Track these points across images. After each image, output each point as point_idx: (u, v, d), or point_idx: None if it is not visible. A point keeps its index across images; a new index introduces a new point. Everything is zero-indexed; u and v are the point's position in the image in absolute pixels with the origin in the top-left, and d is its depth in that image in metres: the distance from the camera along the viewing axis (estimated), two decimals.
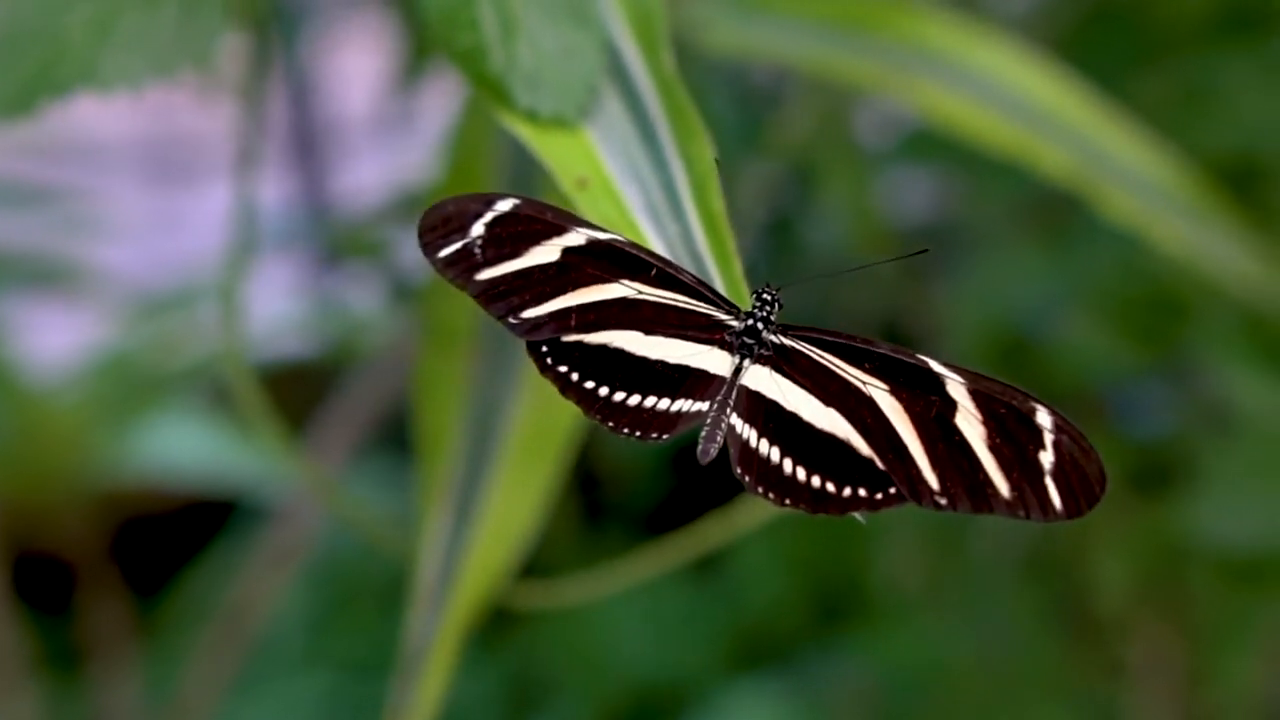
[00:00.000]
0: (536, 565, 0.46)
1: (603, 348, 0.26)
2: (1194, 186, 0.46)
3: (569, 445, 0.40)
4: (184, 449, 0.82)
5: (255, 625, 0.71)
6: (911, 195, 0.73)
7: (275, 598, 0.73)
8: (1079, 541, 0.63)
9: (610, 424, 0.26)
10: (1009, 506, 0.24)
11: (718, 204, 0.28)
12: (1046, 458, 0.24)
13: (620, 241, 0.26)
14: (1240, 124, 0.51)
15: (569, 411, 0.40)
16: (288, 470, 0.74)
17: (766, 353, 0.26)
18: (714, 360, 0.27)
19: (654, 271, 0.26)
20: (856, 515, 0.26)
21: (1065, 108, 0.45)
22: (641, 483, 0.87)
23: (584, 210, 0.28)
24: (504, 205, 0.26)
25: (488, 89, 0.31)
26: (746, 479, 0.26)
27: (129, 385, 0.73)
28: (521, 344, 0.40)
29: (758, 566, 0.79)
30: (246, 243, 0.41)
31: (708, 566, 0.81)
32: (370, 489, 0.82)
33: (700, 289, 0.27)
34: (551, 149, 0.30)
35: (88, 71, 0.33)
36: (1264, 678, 0.64)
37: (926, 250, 0.56)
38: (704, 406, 0.26)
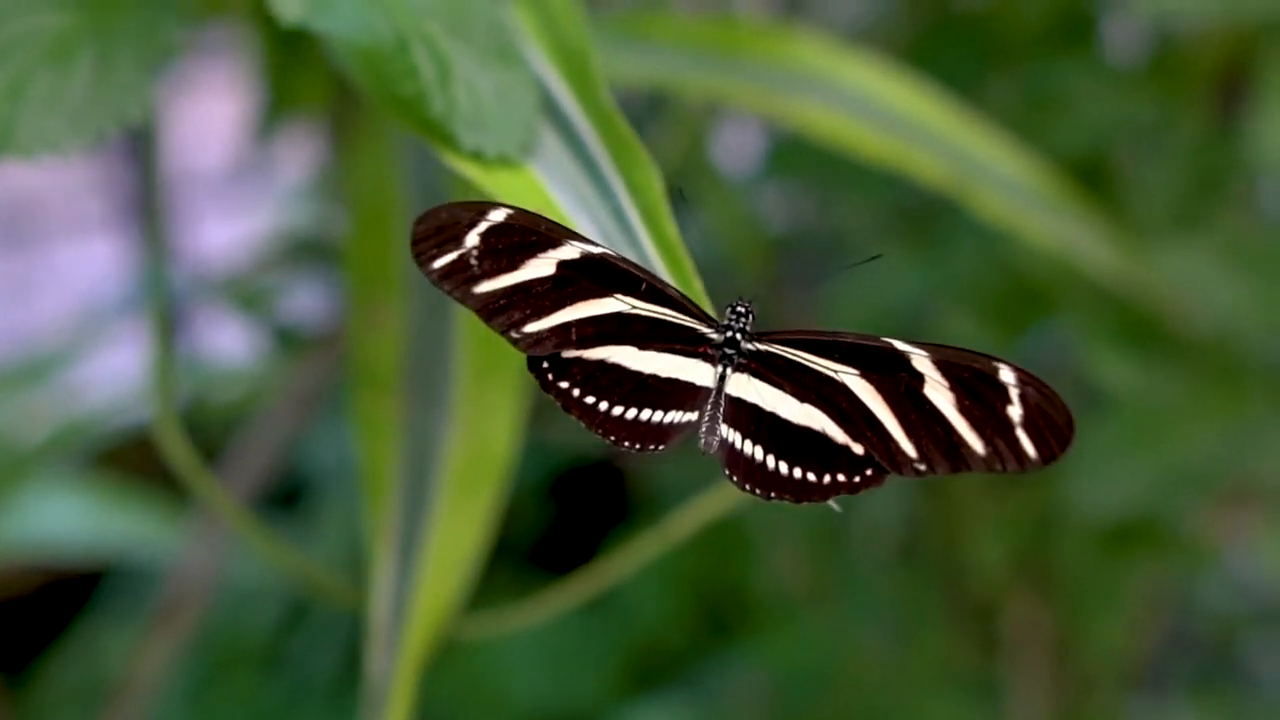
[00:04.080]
0: None
1: (601, 363, 0.27)
2: (1052, 184, 0.49)
3: (504, 476, 0.41)
4: (46, 523, 0.79)
5: (142, 698, 0.70)
6: (767, 206, 0.76)
7: (159, 667, 0.71)
8: (952, 525, 0.66)
9: (611, 438, 0.27)
10: (985, 462, 0.26)
11: (671, 228, 0.30)
12: (1015, 411, 0.26)
13: (612, 256, 0.27)
14: (1082, 126, 0.54)
15: (502, 444, 0.41)
16: (175, 533, 0.73)
17: (744, 360, 0.28)
18: (700, 372, 0.28)
19: (644, 286, 0.27)
20: (831, 503, 0.27)
21: (931, 117, 0.48)
22: (523, 515, 0.87)
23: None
24: (497, 215, 0.27)
25: (431, 133, 0.31)
26: (734, 478, 0.27)
27: None
28: (447, 380, 0.42)
29: (643, 586, 0.80)
30: (164, 301, 0.40)
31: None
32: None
33: (684, 304, 0.28)
34: (501, 187, 0.31)
35: (6, 137, 0.33)
36: (1130, 642, 0.68)
37: (879, 256, 0.58)
38: (693, 417, 0.28)
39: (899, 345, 0.27)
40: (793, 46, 0.48)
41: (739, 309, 0.28)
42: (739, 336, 0.28)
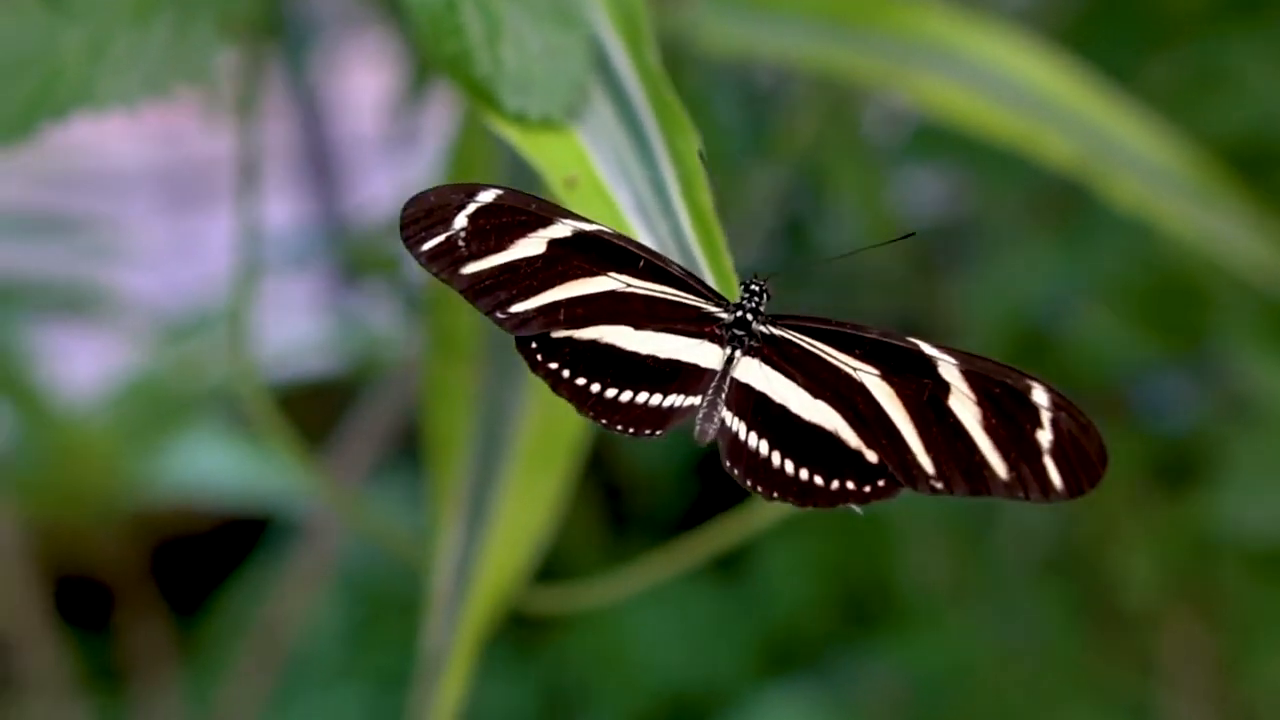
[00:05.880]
0: (562, 573, 0.46)
1: (593, 343, 0.26)
2: (1203, 171, 0.45)
3: (578, 450, 0.39)
4: (214, 468, 0.83)
5: (290, 640, 0.72)
6: (923, 193, 0.73)
7: (308, 612, 0.74)
8: (1103, 536, 0.62)
9: (604, 421, 0.26)
10: (1007, 488, 0.24)
11: (706, 199, 0.28)
12: (1044, 436, 0.24)
13: (607, 233, 0.26)
14: (1250, 106, 0.50)
15: (576, 418, 0.40)
16: (309, 487, 0.75)
17: (756, 344, 0.26)
18: (705, 354, 0.26)
19: (642, 263, 0.26)
20: (854, 508, 0.25)
21: (1069, 95, 0.45)
22: (666, 491, 0.87)
23: (574, 210, 0.28)
24: (486, 196, 0.26)
25: (476, 93, 0.30)
26: (735, 471, 0.26)
27: (157, 408, 0.74)
28: None
29: (784, 570, 0.79)
30: (253, 263, 0.41)
31: (734, 571, 0.81)
32: (392, 503, 0.83)
33: (689, 281, 0.26)
34: (541, 150, 0.29)
35: (84, 92, 0.33)
36: None
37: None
38: (696, 401, 0.26)
39: (926, 349, 0.25)
40: (921, 18, 0.46)
41: (754, 287, 0.26)
42: (750, 317, 0.26)
